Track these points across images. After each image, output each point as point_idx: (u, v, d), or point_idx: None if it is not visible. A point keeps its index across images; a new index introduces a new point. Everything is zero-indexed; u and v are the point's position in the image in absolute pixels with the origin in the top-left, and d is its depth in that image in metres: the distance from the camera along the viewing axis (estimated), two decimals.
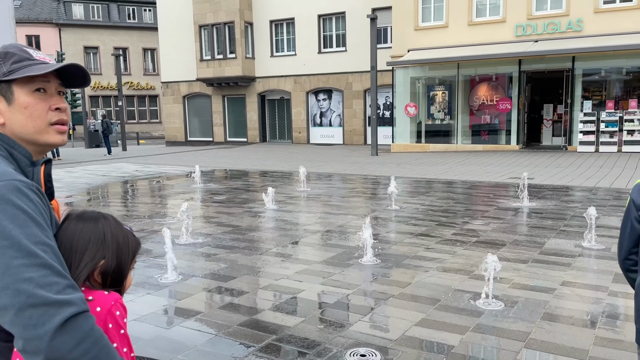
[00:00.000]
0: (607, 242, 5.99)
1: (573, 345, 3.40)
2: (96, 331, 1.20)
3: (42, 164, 1.43)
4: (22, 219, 1.19)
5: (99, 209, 1.56)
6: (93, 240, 1.34)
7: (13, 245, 1.16)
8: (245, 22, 27.41)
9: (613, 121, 17.24)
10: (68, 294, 1.18)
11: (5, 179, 1.22)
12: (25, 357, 1.16)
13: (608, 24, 17.10)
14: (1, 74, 1.31)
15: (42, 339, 1.13)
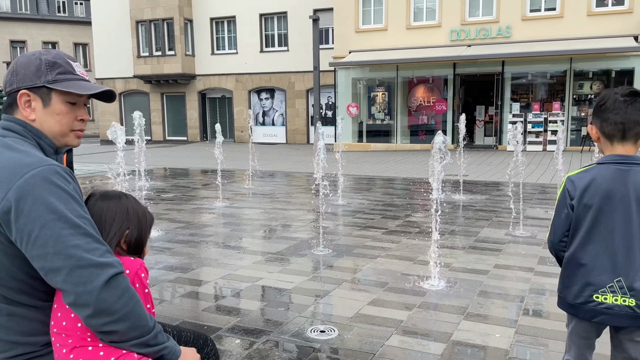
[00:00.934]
0: (532, 230, 6.64)
1: (505, 317, 3.89)
2: (131, 288, 1.46)
3: (65, 153, 1.66)
4: (64, 197, 1.43)
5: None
6: (119, 215, 1.60)
7: (60, 218, 1.40)
8: (184, 18, 27.10)
9: (539, 122, 18.51)
10: (108, 257, 1.44)
11: (46, 164, 1.46)
12: (76, 309, 1.41)
13: (534, 31, 18.34)
14: (46, 80, 1.55)
15: (91, 294, 1.39)
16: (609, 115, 2.06)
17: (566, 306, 2.18)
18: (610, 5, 17.68)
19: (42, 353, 1.54)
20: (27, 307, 1.51)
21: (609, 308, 2.05)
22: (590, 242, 2.07)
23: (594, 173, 2.07)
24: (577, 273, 2.10)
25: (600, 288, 2.06)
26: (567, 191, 2.11)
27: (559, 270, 5.19)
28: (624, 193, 2.01)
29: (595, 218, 2.05)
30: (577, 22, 17.78)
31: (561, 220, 2.14)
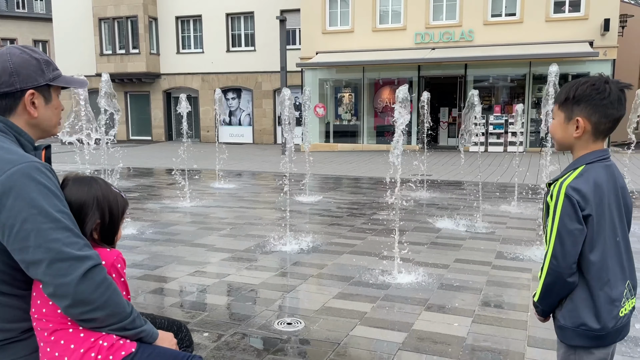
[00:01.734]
0: (491, 227, 6.91)
1: (463, 307, 4.08)
2: (108, 278, 1.56)
3: (43, 149, 1.73)
4: (45, 193, 1.51)
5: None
6: (89, 203, 1.66)
7: (41, 213, 1.48)
8: (149, 16, 26.75)
9: (500, 124, 19.07)
10: (86, 251, 1.53)
11: (27, 160, 1.53)
12: (55, 300, 1.49)
13: (495, 35, 18.88)
14: (48, 78, 1.63)
15: (69, 285, 1.47)
16: (612, 111, 1.77)
17: (593, 339, 1.78)
18: (567, 11, 18.37)
19: (23, 338, 1.61)
20: (8, 295, 1.58)
21: (627, 317, 1.82)
22: (608, 252, 1.78)
23: (592, 175, 1.77)
24: (601, 294, 1.76)
25: (622, 300, 1.79)
26: (576, 203, 1.72)
27: (515, 263, 5.43)
28: (615, 189, 1.81)
29: (609, 226, 1.78)
30: (535, 28, 18.40)
31: (574, 239, 1.73)
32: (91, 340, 1.55)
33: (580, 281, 1.79)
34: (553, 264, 1.76)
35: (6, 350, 1.59)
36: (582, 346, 1.80)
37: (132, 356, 1.57)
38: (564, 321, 1.82)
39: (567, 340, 1.83)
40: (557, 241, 1.75)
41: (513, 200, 8.68)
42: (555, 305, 1.86)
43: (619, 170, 1.87)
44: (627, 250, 1.84)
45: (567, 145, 1.85)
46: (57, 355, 1.54)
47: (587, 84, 1.77)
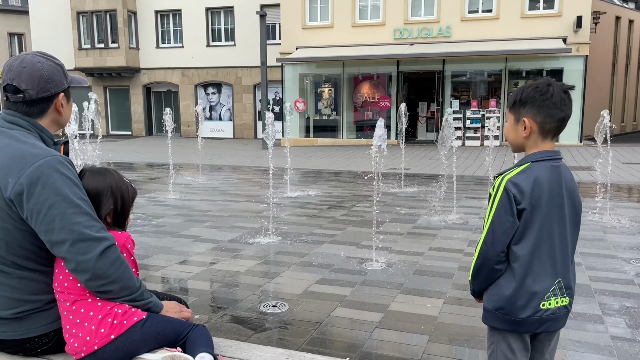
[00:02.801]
0: (465, 217, 7.26)
1: (436, 290, 4.39)
2: (121, 257, 1.81)
3: (62, 145, 1.96)
4: (67, 182, 1.76)
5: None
6: (105, 192, 1.91)
7: (65, 200, 1.72)
8: (128, 10, 26.61)
9: (477, 118, 19.51)
10: (103, 233, 1.77)
11: (52, 154, 1.78)
12: (76, 274, 1.74)
13: (472, 31, 19.28)
14: (68, 81, 1.87)
15: (89, 262, 1.72)
16: (555, 111, 1.88)
17: (509, 323, 1.93)
18: (542, 8, 18.84)
19: (47, 308, 1.85)
20: (33, 271, 1.82)
21: (553, 313, 1.92)
22: (537, 247, 1.89)
23: (534, 172, 1.87)
24: (523, 284, 1.89)
25: (546, 294, 1.90)
26: (512, 196, 1.85)
27: None
28: (559, 191, 1.89)
29: (541, 221, 1.88)
30: (511, 24, 18.84)
31: (505, 229, 1.86)
32: (107, 308, 1.79)
33: (507, 270, 1.90)
34: (483, 249, 1.89)
35: (33, 319, 1.83)
36: (500, 329, 1.94)
37: (143, 322, 1.81)
38: (486, 304, 1.96)
39: (487, 321, 1.98)
40: (490, 229, 1.87)
41: (486, 193, 9.04)
42: (483, 287, 1.98)
43: (570, 172, 1.96)
44: (563, 250, 1.92)
45: (518, 145, 1.96)
46: (79, 321, 1.78)
47: (531, 87, 1.92)
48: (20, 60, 1.85)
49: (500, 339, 1.97)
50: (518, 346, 1.96)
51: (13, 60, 1.86)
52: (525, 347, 1.97)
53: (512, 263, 1.90)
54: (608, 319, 3.81)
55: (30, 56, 1.88)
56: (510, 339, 1.95)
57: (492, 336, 2.01)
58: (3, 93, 1.87)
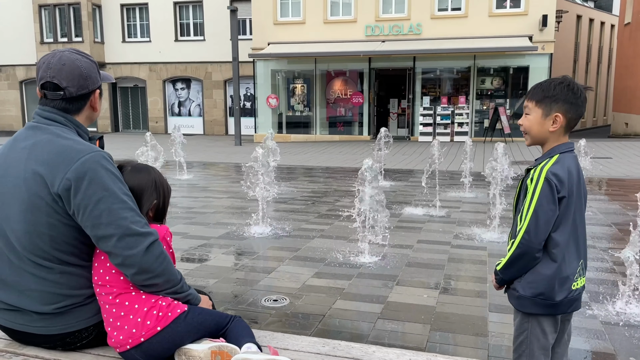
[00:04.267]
0: (447, 211, 7.43)
1: (430, 281, 4.51)
2: (164, 252, 1.84)
3: (97, 140, 1.96)
4: (112, 178, 1.77)
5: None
6: (148, 187, 1.93)
7: (111, 195, 1.74)
8: (92, 4, 25.98)
9: (446, 114, 19.87)
10: (147, 228, 1.80)
11: (95, 150, 1.79)
12: (122, 268, 1.76)
13: (442, 29, 19.61)
14: (101, 78, 1.86)
15: (135, 257, 1.73)
16: (582, 109, 2.03)
17: (547, 307, 2.04)
18: (509, 7, 19.32)
19: (87, 302, 1.85)
20: (75, 266, 1.82)
21: (579, 293, 2.07)
22: (573, 233, 2.03)
23: (566, 163, 2.00)
24: (561, 268, 2.01)
25: (575, 275, 2.05)
26: (554, 186, 1.95)
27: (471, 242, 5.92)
28: (580, 179, 2.05)
29: (574, 208, 2.02)
30: (479, 22, 19.25)
31: (548, 218, 1.97)
32: (152, 301, 1.81)
33: (544, 257, 2.00)
34: (525, 238, 1.97)
35: (74, 313, 1.83)
36: (536, 314, 2.05)
37: (185, 314, 1.84)
38: (523, 291, 2.04)
39: (524, 308, 2.06)
40: (533, 218, 1.96)
41: (463, 186, 9.26)
42: (515, 276, 2.07)
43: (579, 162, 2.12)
44: (582, 233, 2.07)
45: (542, 139, 2.06)
46: (123, 314, 1.79)
47: (563, 85, 2.02)
48: (58, 57, 1.85)
49: (535, 324, 2.07)
50: (550, 329, 2.07)
51: (50, 58, 1.86)
52: (556, 328, 2.09)
53: (552, 249, 2.00)
54: (596, 304, 4.00)
55: (67, 53, 1.87)
56: (545, 323, 2.07)
57: (525, 322, 2.09)
58: (40, 90, 1.86)
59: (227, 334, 1.88)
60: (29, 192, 1.74)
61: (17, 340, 1.93)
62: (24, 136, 1.85)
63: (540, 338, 2.07)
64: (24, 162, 1.78)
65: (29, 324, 1.83)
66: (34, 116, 1.90)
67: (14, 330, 1.89)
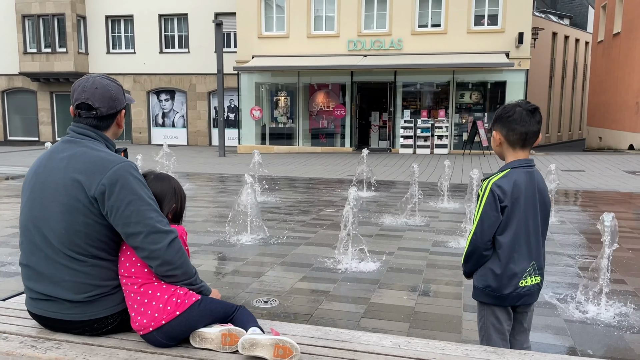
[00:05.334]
0: (426, 220, 7.80)
1: (409, 284, 4.84)
2: (182, 247, 2.14)
3: (122, 152, 2.27)
4: (140, 184, 2.09)
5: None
6: (169, 194, 2.24)
7: (140, 199, 2.05)
8: (77, 15, 26.10)
9: (426, 127, 20.39)
10: (169, 227, 2.10)
11: (124, 160, 2.11)
12: (148, 261, 2.07)
13: (422, 45, 20.19)
14: (126, 99, 2.16)
15: (160, 251, 2.04)
16: (516, 126, 2.32)
17: (496, 298, 2.37)
18: (486, 24, 19.99)
19: (113, 292, 2.14)
20: (105, 260, 2.12)
21: (528, 289, 2.38)
22: (517, 237, 2.33)
23: (513, 177, 2.33)
24: (507, 267, 2.33)
25: (523, 274, 2.35)
26: (496, 196, 2.29)
27: (448, 249, 6.29)
28: (533, 191, 2.35)
29: (520, 215, 2.32)
30: (458, 39, 19.88)
31: (491, 223, 2.31)
32: (171, 290, 2.11)
33: (493, 255, 2.36)
34: (474, 238, 2.35)
35: (102, 302, 2.12)
36: (487, 303, 2.41)
37: (199, 302, 2.14)
38: (477, 283, 2.42)
39: (477, 297, 2.45)
40: (479, 222, 2.33)
41: (442, 197, 9.66)
42: (472, 270, 2.45)
43: (542, 177, 2.45)
44: (536, 238, 2.37)
45: (499, 154, 2.46)
46: (146, 301, 2.08)
47: (501, 108, 2.41)
48: (91, 82, 2.16)
49: (489, 312, 2.44)
50: (503, 317, 2.43)
51: (84, 82, 2.17)
52: (509, 317, 2.45)
53: (497, 250, 2.37)
54: (560, 305, 4.37)
55: (99, 78, 2.19)
56: (497, 311, 2.42)
57: (482, 310, 2.48)
58: (75, 109, 2.17)
59: (234, 320, 2.17)
60: (69, 196, 2.04)
61: (49, 327, 2.20)
62: (62, 149, 2.15)
63: (496, 324, 2.42)
64: (63, 171, 2.07)
65: (62, 312, 2.11)
66: (68, 131, 2.20)
67: (46, 318, 2.16)
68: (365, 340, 2.22)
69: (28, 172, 2.24)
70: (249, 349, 1.98)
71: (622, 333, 3.83)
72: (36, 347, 2.08)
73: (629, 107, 21.64)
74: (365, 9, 20.67)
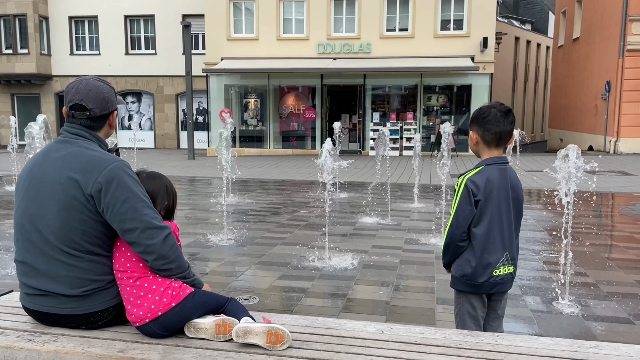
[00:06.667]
0: (398, 220, 8.00)
1: (384, 280, 5.01)
2: (176, 242, 2.23)
3: (114, 152, 2.34)
4: (134, 182, 2.18)
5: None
6: (161, 191, 2.32)
7: (135, 196, 2.13)
8: (39, 15, 25.53)
9: (395, 130, 20.72)
10: (163, 223, 2.19)
11: (118, 160, 2.19)
12: (144, 256, 2.16)
13: (391, 48, 20.53)
14: (117, 101, 2.24)
15: (155, 245, 2.13)
16: (491, 126, 2.48)
17: (471, 287, 2.54)
18: (452, 29, 20.48)
19: (108, 287, 2.22)
20: (100, 255, 2.19)
21: (502, 278, 2.53)
22: (491, 229, 2.48)
23: (487, 173, 2.49)
24: (482, 256, 2.49)
25: (497, 264, 2.50)
26: (470, 191, 2.46)
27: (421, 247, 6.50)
28: (506, 187, 2.51)
29: (493, 209, 2.48)
30: (425, 43, 20.30)
31: (466, 216, 2.47)
32: (167, 283, 2.20)
33: (469, 246, 2.52)
34: (450, 230, 2.53)
35: (97, 296, 2.19)
36: (464, 291, 2.57)
37: (193, 294, 2.23)
38: (454, 272, 2.59)
39: (454, 285, 2.61)
40: (455, 215, 2.50)
41: (412, 197, 9.90)
42: (451, 260, 2.61)
43: (515, 173, 2.61)
44: (509, 230, 2.53)
45: (475, 152, 2.62)
46: (143, 294, 2.16)
47: (477, 109, 2.58)
48: (85, 84, 2.23)
49: (465, 299, 2.61)
50: (478, 304, 2.60)
51: (78, 84, 2.24)
52: (484, 304, 2.62)
53: (472, 241, 2.54)
54: (527, 297, 4.60)
55: (92, 80, 2.26)
56: (472, 299, 2.59)
57: (458, 297, 2.65)
58: (69, 110, 2.23)
59: (226, 311, 2.27)
60: (65, 194, 2.11)
61: (44, 322, 2.25)
62: (56, 148, 2.22)
63: (471, 311, 2.60)
64: (59, 170, 2.14)
65: (58, 306, 2.17)
66: (62, 132, 2.26)
67: (42, 313, 2.21)
68: (350, 327, 2.35)
69: (22, 172, 2.29)
70: (242, 336, 2.09)
71: (585, 321, 4.07)
72: (33, 341, 2.14)
73: (588, 110, 22.50)
74: (335, 12, 20.90)
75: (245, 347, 2.10)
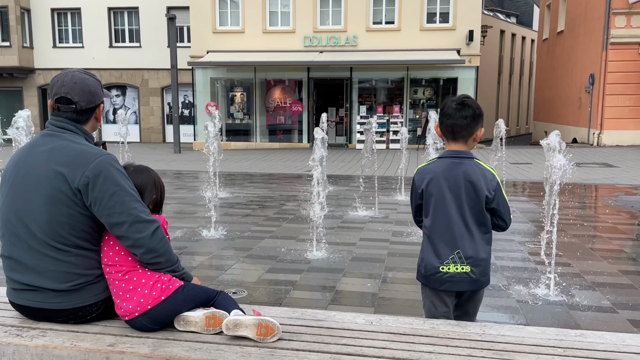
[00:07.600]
0: (385, 212, 8.04)
1: (372, 272, 5.04)
2: (165, 236, 2.22)
3: (101, 145, 2.32)
4: (122, 176, 2.16)
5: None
6: (149, 184, 2.31)
7: (123, 190, 2.12)
8: (21, 7, 25.10)
9: (382, 123, 20.75)
10: (151, 217, 2.18)
11: (105, 153, 2.17)
12: (133, 249, 2.14)
13: (377, 41, 20.52)
14: (104, 94, 2.22)
15: (144, 239, 2.12)
16: (444, 119, 2.47)
17: (422, 277, 2.55)
18: (438, 22, 20.53)
19: (96, 281, 2.20)
20: (88, 250, 2.17)
21: (451, 276, 2.45)
22: (435, 222, 2.48)
23: (434, 166, 2.50)
24: (428, 249, 2.51)
25: (445, 260, 2.45)
26: (416, 180, 2.55)
27: (408, 239, 6.56)
28: (457, 181, 2.42)
29: (437, 202, 2.46)
30: (411, 36, 20.32)
31: (415, 205, 2.63)
32: (156, 277, 2.19)
33: (424, 236, 2.56)
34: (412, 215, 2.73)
35: (86, 290, 2.18)
36: (422, 283, 2.58)
37: (182, 288, 2.22)
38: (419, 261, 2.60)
39: (417, 275, 2.61)
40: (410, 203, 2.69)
41: (399, 190, 9.94)
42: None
43: (476, 168, 2.44)
44: (463, 228, 2.43)
45: None
46: (132, 288, 2.15)
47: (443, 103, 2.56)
48: (70, 77, 2.20)
49: (425, 295, 2.60)
50: (437, 302, 2.54)
51: (63, 77, 2.20)
52: (444, 303, 2.53)
53: (424, 230, 2.58)
54: (513, 286, 4.66)
55: (78, 73, 2.23)
56: (431, 295, 2.55)
57: (422, 290, 2.64)
58: (54, 103, 2.20)
59: (216, 304, 2.27)
60: (52, 188, 2.08)
61: (32, 317, 2.23)
62: (42, 142, 2.19)
63: (431, 307, 2.57)
64: (45, 164, 2.11)
65: (46, 301, 2.15)
66: (48, 125, 2.23)
67: (30, 308, 2.19)
68: (340, 319, 2.36)
69: (7, 166, 2.26)
70: (232, 329, 2.09)
71: (570, 310, 4.13)
72: (21, 336, 2.12)
73: (572, 102, 22.73)
74: (321, 5, 20.82)
75: (235, 340, 2.10)
